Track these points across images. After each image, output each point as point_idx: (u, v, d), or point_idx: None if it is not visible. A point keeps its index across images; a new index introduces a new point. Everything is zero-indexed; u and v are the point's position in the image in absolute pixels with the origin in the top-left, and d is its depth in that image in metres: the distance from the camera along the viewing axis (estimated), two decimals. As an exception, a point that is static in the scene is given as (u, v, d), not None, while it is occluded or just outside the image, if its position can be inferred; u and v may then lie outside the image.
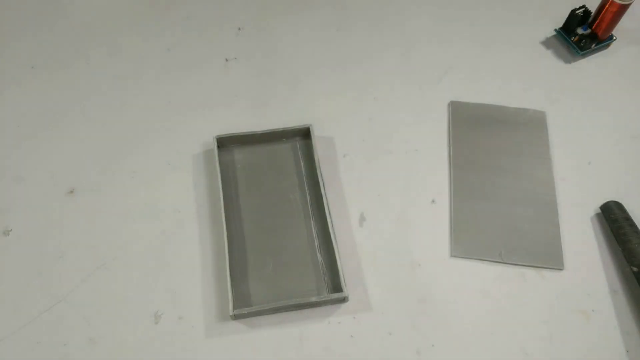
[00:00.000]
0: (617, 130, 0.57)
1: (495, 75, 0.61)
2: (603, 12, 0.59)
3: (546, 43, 0.64)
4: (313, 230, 0.50)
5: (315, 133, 0.54)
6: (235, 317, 0.46)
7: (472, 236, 0.50)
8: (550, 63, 0.62)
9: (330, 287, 0.47)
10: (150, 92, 0.60)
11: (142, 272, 0.49)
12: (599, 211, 0.52)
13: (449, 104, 0.59)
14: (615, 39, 0.62)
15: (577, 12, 0.61)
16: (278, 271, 0.48)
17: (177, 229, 0.51)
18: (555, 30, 0.64)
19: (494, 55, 0.63)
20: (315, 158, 0.52)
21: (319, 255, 0.49)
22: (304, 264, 0.49)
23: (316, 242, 0.50)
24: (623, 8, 0.57)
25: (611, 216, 0.50)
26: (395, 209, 0.52)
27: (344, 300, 0.47)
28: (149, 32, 0.65)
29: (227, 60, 0.63)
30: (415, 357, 0.45)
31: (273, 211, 0.51)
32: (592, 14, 0.61)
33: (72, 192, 0.53)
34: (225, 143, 0.54)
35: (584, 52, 0.61)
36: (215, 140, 0.53)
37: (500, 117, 0.57)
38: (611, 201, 0.51)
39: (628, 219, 0.49)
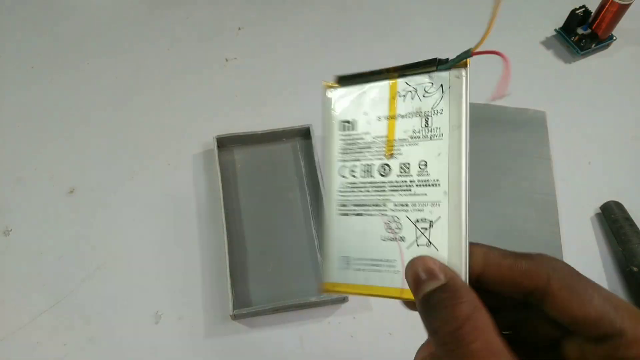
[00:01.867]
0: (617, 130, 0.57)
1: (495, 75, 0.61)
2: (603, 12, 0.59)
3: (546, 43, 0.64)
4: (313, 230, 0.50)
5: (315, 133, 0.54)
6: (235, 317, 0.46)
7: (472, 236, 0.50)
8: (550, 63, 0.62)
9: (330, 287, 0.47)
10: (150, 92, 0.60)
11: (142, 271, 0.49)
12: (599, 211, 0.52)
13: (449, 104, 0.59)
14: (615, 39, 0.62)
15: (577, 12, 0.61)
16: (278, 271, 0.48)
17: (177, 229, 0.51)
18: (555, 30, 0.64)
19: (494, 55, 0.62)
20: (315, 158, 0.52)
21: (319, 255, 0.49)
22: (304, 264, 0.48)
23: (316, 242, 0.49)
24: (623, 8, 0.57)
25: (611, 216, 0.50)
26: (395, 209, 0.52)
27: (344, 300, 0.47)
28: (149, 32, 0.65)
29: (227, 60, 0.63)
30: (415, 357, 0.45)
31: (273, 211, 0.51)
32: (592, 14, 0.61)
33: (72, 192, 0.53)
34: (225, 143, 0.54)
35: (584, 52, 0.61)
36: (215, 140, 0.53)
37: (500, 117, 0.57)
38: (611, 201, 0.51)
39: (628, 219, 0.49)
